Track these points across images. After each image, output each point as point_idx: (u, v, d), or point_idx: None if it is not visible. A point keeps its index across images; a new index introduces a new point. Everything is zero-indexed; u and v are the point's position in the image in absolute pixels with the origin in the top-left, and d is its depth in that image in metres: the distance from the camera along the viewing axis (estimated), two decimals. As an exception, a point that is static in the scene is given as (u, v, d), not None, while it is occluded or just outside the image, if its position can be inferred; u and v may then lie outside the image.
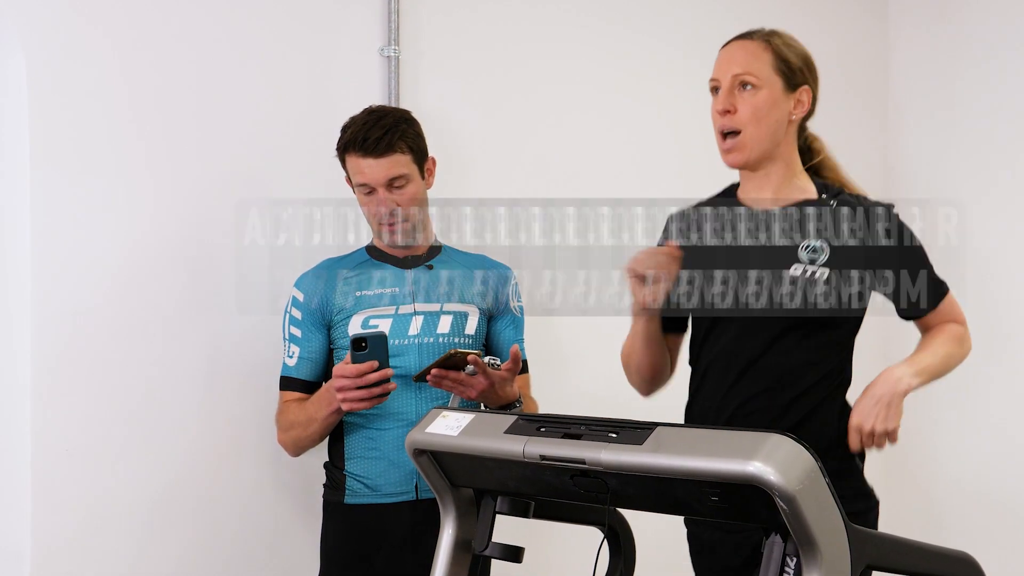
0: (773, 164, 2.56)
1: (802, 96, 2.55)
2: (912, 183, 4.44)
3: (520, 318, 3.11)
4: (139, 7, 3.11)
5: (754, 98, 2.51)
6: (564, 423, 2.11)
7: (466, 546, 2.35)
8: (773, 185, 2.57)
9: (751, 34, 2.60)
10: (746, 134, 2.51)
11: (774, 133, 2.53)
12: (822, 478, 1.85)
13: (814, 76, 2.59)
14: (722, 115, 2.53)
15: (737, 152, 2.53)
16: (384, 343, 2.74)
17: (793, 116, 2.55)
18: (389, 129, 2.88)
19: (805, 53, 2.59)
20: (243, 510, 3.22)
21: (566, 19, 3.83)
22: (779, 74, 2.53)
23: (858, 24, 4.49)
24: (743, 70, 2.52)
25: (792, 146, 2.58)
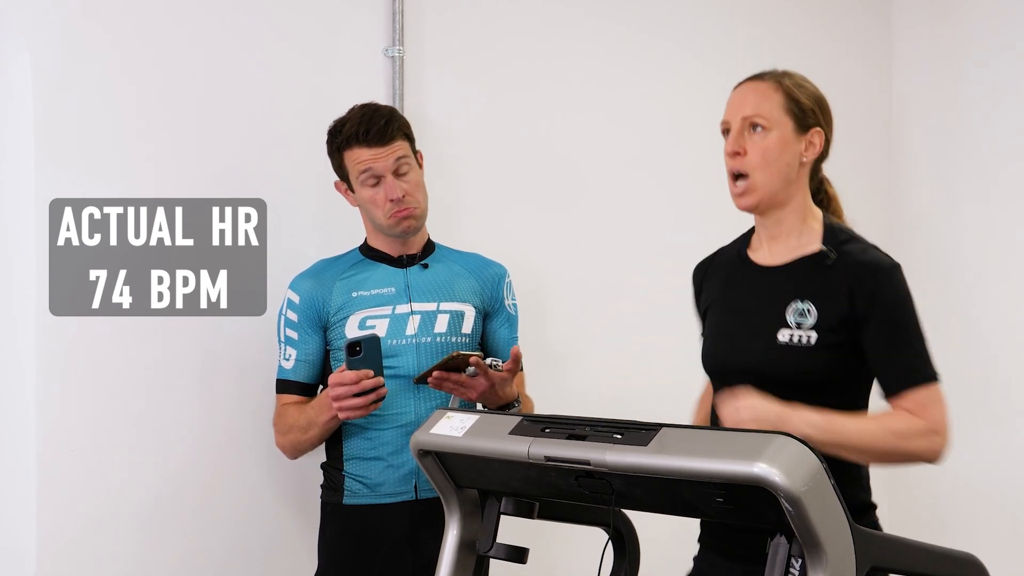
0: (784, 208, 2.50)
1: (813, 138, 2.49)
2: (915, 184, 4.44)
3: (515, 316, 3.12)
4: (144, 7, 3.12)
5: (764, 140, 2.46)
6: (569, 424, 2.11)
7: (470, 547, 2.35)
8: (785, 231, 2.52)
9: (762, 75, 2.55)
10: (755, 178, 2.46)
11: (785, 176, 2.47)
12: (827, 479, 1.85)
13: (827, 117, 2.54)
14: (732, 157, 2.49)
15: (747, 196, 2.49)
16: (378, 345, 2.75)
17: (804, 158, 2.49)
18: (387, 118, 2.92)
19: (817, 94, 2.53)
20: (243, 510, 3.22)
21: (570, 19, 3.83)
22: (790, 115, 2.47)
23: (861, 24, 4.49)
24: (753, 112, 2.47)
25: (804, 189, 2.52)
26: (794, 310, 2.43)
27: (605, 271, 3.86)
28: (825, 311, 2.40)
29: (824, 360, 2.39)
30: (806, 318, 2.41)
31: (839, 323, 2.39)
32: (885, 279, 2.39)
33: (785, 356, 2.41)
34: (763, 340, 2.45)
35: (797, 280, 2.46)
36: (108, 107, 3.06)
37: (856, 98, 4.42)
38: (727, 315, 2.57)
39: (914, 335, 2.39)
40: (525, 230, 3.69)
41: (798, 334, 2.41)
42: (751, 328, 2.49)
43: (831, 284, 2.41)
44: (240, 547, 3.22)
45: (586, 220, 3.84)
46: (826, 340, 2.39)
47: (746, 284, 2.56)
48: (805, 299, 2.42)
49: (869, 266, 2.40)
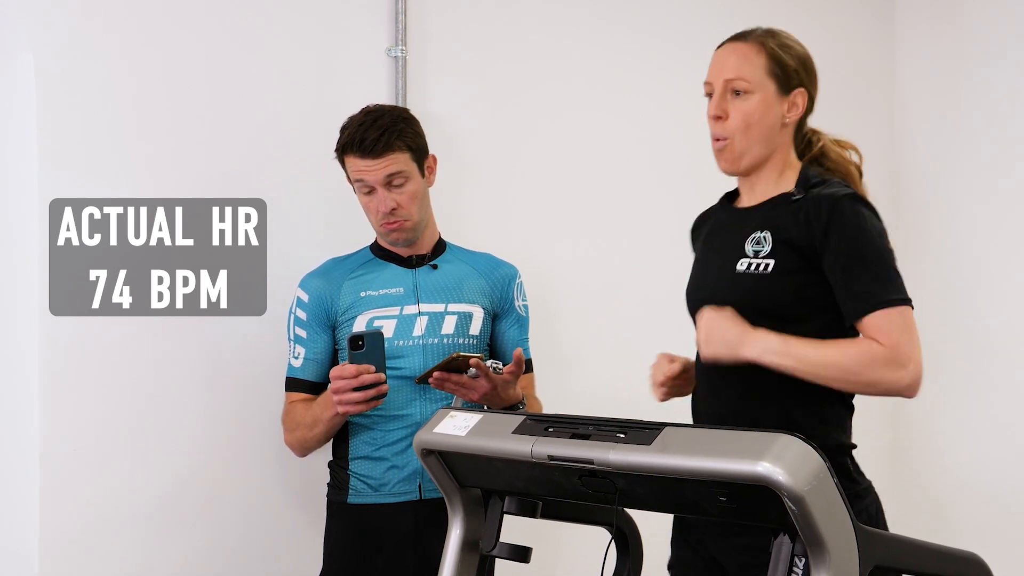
0: (766, 167, 2.52)
1: (796, 99, 2.49)
2: (919, 183, 4.44)
3: (525, 317, 3.12)
4: (147, 6, 3.12)
5: (746, 104, 2.47)
6: (572, 423, 2.12)
7: (473, 546, 2.36)
8: (762, 182, 2.54)
9: (746, 35, 2.55)
10: (735, 141, 2.48)
11: (766, 138, 2.49)
12: (830, 478, 1.86)
13: (811, 76, 2.53)
14: (714, 120, 2.51)
15: (725, 160, 2.51)
16: (381, 341, 2.76)
17: (787, 119, 2.50)
18: (386, 129, 2.89)
19: (802, 53, 2.53)
20: (247, 509, 3.22)
21: (573, 18, 3.83)
22: (772, 77, 2.47)
23: (864, 24, 4.49)
24: (735, 75, 2.48)
25: (787, 148, 2.53)
26: (752, 239, 2.45)
27: (609, 271, 3.86)
28: (780, 238, 2.41)
29: (780, 286, 2.40)
30: (762, 246, 2.43)
31: (793, 250, 2.39)
32: (840, 207, 2.36)
33: (743, 284, 2.44)
34: (724, 272, 2.48)
35: (761, 215, 2.48)
36: (108, 107, 3.06)
37: (859, 97, 4.42)
38: (700, 257, 2.63)
39: (873, 260, 2.35)
40: (527, 230, 3.69)
41: (755, 262, 2.42)
42: (716, 262, 2.53)
43: (790, 215, 2.42)
44: (245, 546, 3.22)
45: (589, 220, 3.84)
46: (782, 267, 2.39)
47: (719, 228, 2.60)
48: (763, 230, 2.44)
49: (826, 197, 2.38)
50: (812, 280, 2.39)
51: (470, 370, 2.75)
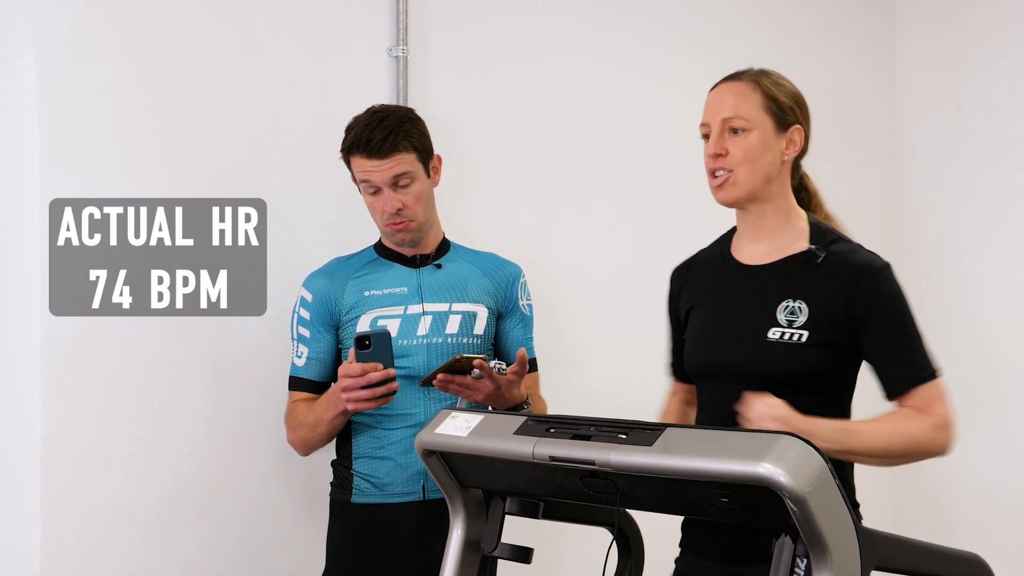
0: (765, 205, 2.52)
1: (794, 136, 2.51)
2: (918, 184, 4.45)
3: (529, 317, 3.13)
4: (148, 6, 3.13)
5: (745, 141, 2.48)
6: (573, 424, 2.12)
7: (475, 547, 2.36)
8: (768, 229, 2.54)
9: (739, 75, 2.56)
10: (738, 173, 2.48)
11: (767, 174, 2.49)
12: (832, 479, 1.86)
13: (805, 115, 2.55)
14: (714, 159, 2.51)
15: (727, 189, 2.50)
16: (388, 341, 2.75)
17: (785, 156, 2.51)
18: (392, 130, 2.89)
19: (795, 92, 2.55)
20: (250, 509, 3.23)
21: (574, 18, 3.84)
22: (769, 114, 2.49)
23: (864, 23, 4.50)
24: (733, 113, 2.49)
25: (785, 186, 2.54)
26: (785, 308, 2.45)
27: (612, 271, 3.87)
28: (817, 310, 2.42)
29: (814, 358, 2.41)
30: (797, 316, 2.43)
31: (832, 323, 2.41)
32: (880, 279, 2.42)
33: (775, 354, 2.43)
34: (753, 338, 2.46)
35: (786, 278, 2.48)
36: (108, 107, 3.07)
37: (859, 97, 4.43)
38: (714, 314, 2.58)
39: (912, 333, 2.42)
40: (530, 229, 3.70)
41: (789, 332, 2.42)
42: (740, 326, 2.50)
43: (823, 283, 2.43)
44: (248, 546, 3.23)
45: (592, 219, 3.85)
46: (816, 338, 2.41)
47: (732, 283, 2.57)
48: (796, 298, 2.44)
49: (863, 267, 2.42)
50: (841, 352, 2.43)
51: (474, 371, 2.76)
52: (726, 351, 2.51)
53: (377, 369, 2.73)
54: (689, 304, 2.65)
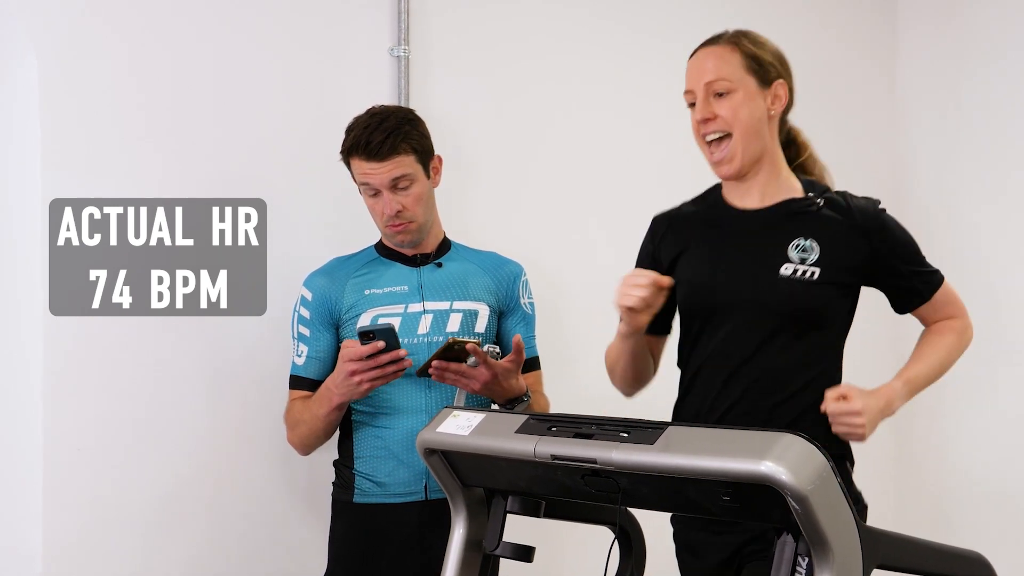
0: (759, 166, 2.57)
1: (778, 90, 2.56)
2: (920, 183, 4.45)
3: (531, 315, 3.13)
4: (150, 8, 3.14)
5: (731, 102, 2.52)
6: (575, 423, 2.14)
7: (477, 546, 2.37)
8: (759, 184, 2.59)
9: (717, 38, 2.61)
10: (734, 141, 2.52)
11: (759, 132, 2.54)
12: (834, 478, 1.87)
13: (787, 69, 2.60)
14: (703, 124, 2.55)
15: (727, 163, 2.55)
16: (393, 335, 2.75)
17: (772, 112, 2.56)
18: (391, 132, 2.89)
19: (774, 49, 2.60)
20: (252, 509, 3.24)
21: (575, 18, 3.84)
22: (751, 73, 2.54)
23: (865, 22, 4.50)
24: (715, 76, 2.53)
25: (775, 142, 2.60)
26: (796, 246, 2.52)
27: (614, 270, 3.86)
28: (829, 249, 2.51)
29: (824, 294, 2.51)
30: (809, 254, 2.51)
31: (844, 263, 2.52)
32: (884, 216, 2.60)
33: (787, 289, 2.50)
34: (765, 274, 2.52)
35: (793, 219, 2.55)
36: (109, 107, 3.08)
37: (860, 96, 4.43)
38: (715, 255, 2.61)
39: (919, 252, 2.64)
40: (531, 228, 3.70)
41: (801, 268, 2.50)
42: (750, 264, 2.55)
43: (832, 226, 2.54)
44: (250, 545, 3.24)
45: (593, 218, 3.86)
46: (828, 276, 2.50)
47: (732, 225, 2.61)
48: (807, 236, 2.52)
49: (867, 210, 2.58)
50: (845, 292, 2.55)
51: (470, 359, 2.77)
52: (738, 288, 2.54)
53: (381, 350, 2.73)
54: (678, 248, 2.67)
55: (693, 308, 2.62)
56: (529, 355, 3.07)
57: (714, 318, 2.57)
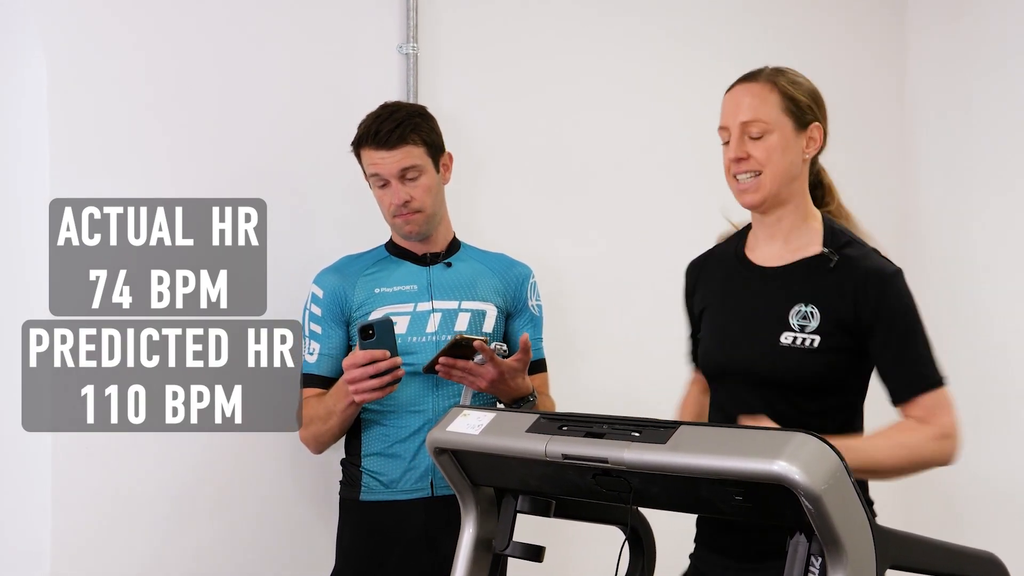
0: (785, 207, 2.55)
1: (813, 133, 2.53)
2: (927, 185, 4.46)
3: (539, 317, 3.16)
4: (157, 7, 3.16)
5: (766, 143, 2.50)
6: (586, 422, 2.14)
7: (486, 545, 2.38)
8: (784, 230, 2.56)
9: (755, 76, 2.57)
10: (765, 176, 2.50)
11: (790, 174, 2.52)
12: (847, 477, 1.88)
13: (823, 111, 2.57)
14: (736, 163, 2.53)
15: (753, 192, 2.52)
16: (391, 329, 2.78)
17: (806, 155, 2.54)
18: (401, 122, 2.94)
19: (812, 89, 2.57)
20: (260, 507, 3.26)
21: (584, 16, 3.86)
22: (788, 115, 2.51)
23: (874, 23, 4.51)
24: (751, 117, 2.51)
25: (804, 185, 2.57)
26: (797, 312, 2.48)
27: (622, 269, 3.88)
28: (828, 314, 2.45)
29: (826, 362, 2.45)
30: (809, 321, 2.46)
31: (842, 327, 2.44)
32: (889, 286, 2.44)
33: (787, 358, 2.46)
34: (765, 342, 2.49)
35: (799, 282, 2.50)
36: (109, 107, 3.10)
37: (869, 97, 4.44)
38: (727, 316, 2.61)
39: (920, 341, 2.44)
40: (540, 227, 3.72)
41: (801, 337, 2.46)
42: (752, 330, 2.53)
43: (834, 288, 2.46)
44: (258, 544, 3.26)
45: (601, 218, 3.87)
46: (828, 343, 2.44)
47: (745, 285, 2.59)
48: (808, 302, 2.47)
49: (873, 272, 2.45)
50: (852, 355, 2.47)
51: (476, 357, 2.79)
52: (739, 355, 2.54)
53: (385, 357, 2.76)
54: (703, 303, 2.68)
55: (705, 370, 2.65)
56: (536, 357, 3.09)
57: (719, 380, 2.59)
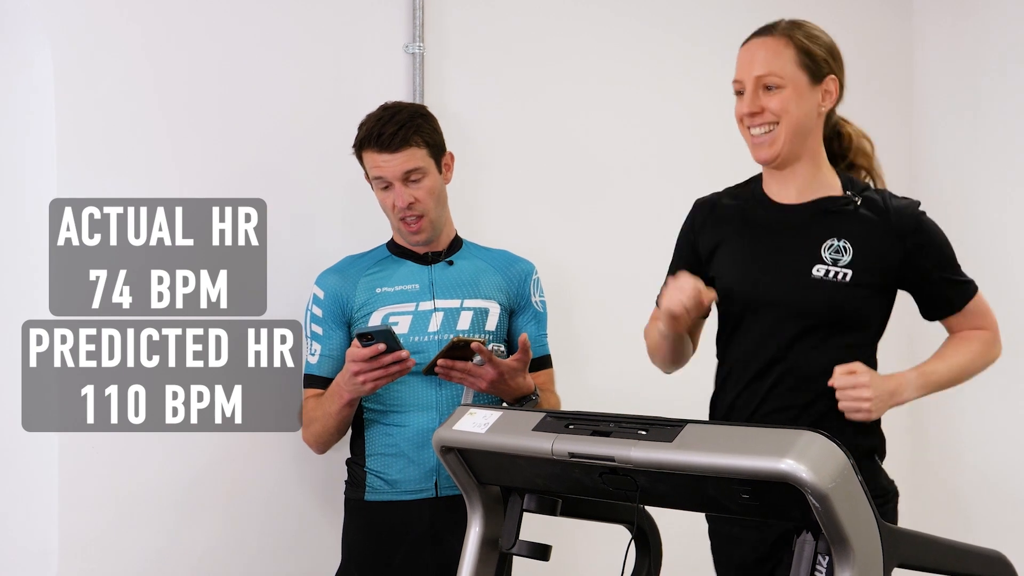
0: (800, 160, 2.58)
1: (829, 86, 2.56)
2: (938, 181, 4.44)
3: (542, 313, 3.17)
4: (161, 6, 3.17)
5: (780, 96, 2.52)
6: (593, 420, 2.15)
7: (493, 544, 2.40)
8: (798, 181, 2.60)
9: (771, 28, 2.60)
10: (780, 130, 2.53)
11: (805, 127, 2.55)
12: (855, 476, 1.89)
13: (839, 64, 2.60)
14: (751, 117, 2.55)
15: (768, 147, 2.54)
16: (392, 336, 2.79)
17: (822, 108, 2.57)
18: (403, 124, 2.95)
19: (828, 43, 2.60)
20: (266, 507, 3.27)
21: (590, 16, 3.86)
22: (803, 69, 2.53)
23: (882, 21, 4.51)
24: (766, 71, 2.53)
25: (818, 139, 2.60)
26: (829, 247, 2.54)
27: (626, 267, 3.88)
28: (863, 250, 2.53)
29: (856, 296, 2.53)
30: (842, 255, 2.53)
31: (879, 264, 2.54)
32: (923, 218, 2.60)
33: (819, 290, 2.53)
34: (797, 274, 2.54)
35: (828, 217, 2.56)
36: (109, 107, 3.11)
37: (877, 96, 4.45)
38: (751, 250, 2.63)
39: (955, 258, 2.64)
40: (545, 226, 3.73)
41: (833, 270, 2.53)
42: (784, 263, 2.57)
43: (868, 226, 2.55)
44: (265, 543, 3.27)
45: (606, 216, 3.88)
46: (859, 279, 2.52)
47: (768, 220, 2.63)
48: (841, 237, 2.54)
49: (905, 210, 2.59)
50: (878, 292, 2.56)
51: (475, 358, 2.80)
52: (770, 287, 2.57)
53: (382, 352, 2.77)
54: (715, 240, 2.69)
55: (727, 305, 2.65)
56: (541, 354, 3.12)
57: (747, 316, 2.61)
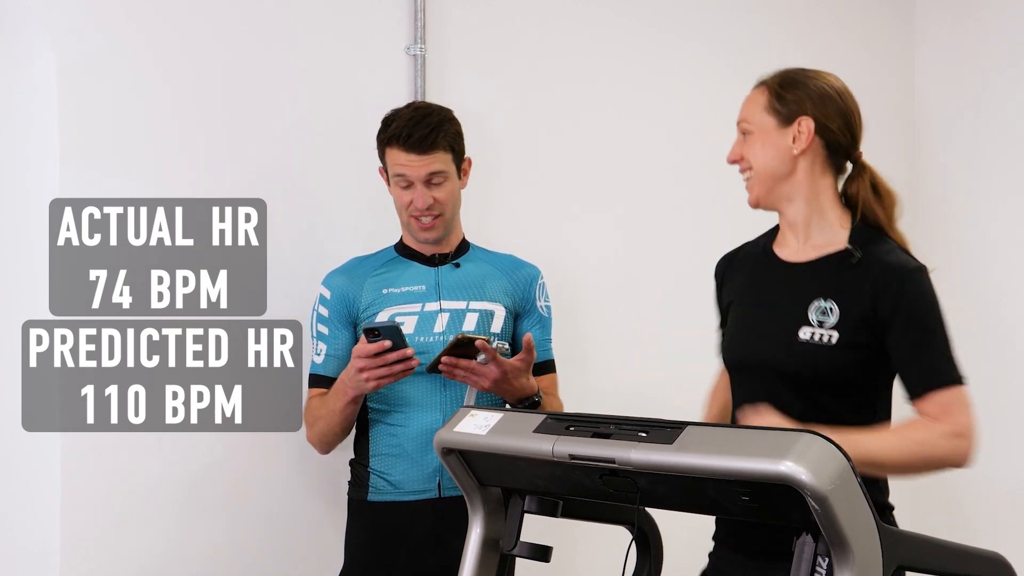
0: (792, 204, 2.56)
1: (800, 127, 2.52)
2: (939, 185, 4.46)
3: (547, 318, 3.19)
4: (167, 6, 3.19)
5: (750, 143, 2.57)
6: (593, 422, 2.17)
7: (494, 545, 2.41)
8: (801, 227, 2.58)
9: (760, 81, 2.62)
10: (753, 174, 2.57)
11: (774, 170, 2.54)
12: (854, 478, 1.90)
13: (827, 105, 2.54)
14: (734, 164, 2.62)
15: (749, 192, 2.60)
16: (399, 334, 2.81)
17: (795, 150, 2.53)
18: (434, 127, 2.98)
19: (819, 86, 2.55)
20: (269, 508, 3.29)
21: (591, 17, 3.88)
22: (771, 112, 2.54)
23: (883, 21, 4.53)
24: (740, 118, 2.59)
25: (812, 181, 2.56)
26: (816, 308, 2.48)
27: (630, 270, 3.91)
28: (847, 310, 2.45)
29: (844, 359, 2.45)
30: (828, 317, 2.46)
31: (861, 323, 2.44)
32: (909, 281, 2.43)
33: (805, 354, 2.46)
34: (784, 337, 2.50)
35: (821, 278, 2.51)
36: (109, 107, 3.13)
37: (878, 99, 4.44)
38: (750, 309, 2.63)
39: (938, 337, 2.43)
40: (549, 228, 3.75)
41: (819, 332, 2.46)
42: (773, 324, 2.54)
43: (854, 283, 2.46)
44: (268, 543, 3.29)
45: (610, 218, 3.90)
46: (847, 340, 2.44)
47: (770, 279, 2.61)
48: (828, 297, 2.48)
49: (893, 267, 2.44)
50: (872, 354, 2.45)
51: (479, 356, 2.82)
52: (758, 349, 2.56)
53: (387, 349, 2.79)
54: (729, 298, 2.71)
55: (726, 363, 2.68)
56: (545, 358, 3.14)
57: (740, 375, 2.62)
